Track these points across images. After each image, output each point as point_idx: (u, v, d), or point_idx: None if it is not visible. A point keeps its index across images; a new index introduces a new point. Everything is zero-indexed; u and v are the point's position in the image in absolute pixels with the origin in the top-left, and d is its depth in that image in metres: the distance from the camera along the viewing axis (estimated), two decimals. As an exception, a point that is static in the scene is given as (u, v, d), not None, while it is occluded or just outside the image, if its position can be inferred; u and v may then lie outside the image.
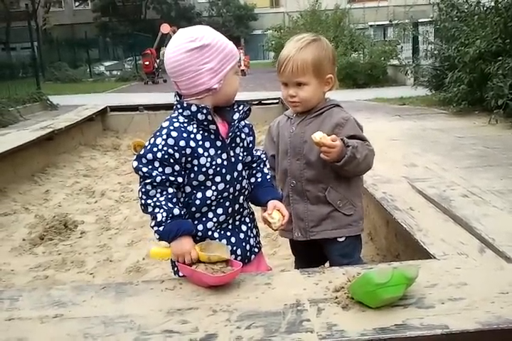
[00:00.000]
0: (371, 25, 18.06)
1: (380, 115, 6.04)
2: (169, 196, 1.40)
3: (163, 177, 1.39)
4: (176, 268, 1.55)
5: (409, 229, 2.01)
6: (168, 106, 7.21)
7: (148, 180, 1.39)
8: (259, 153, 1.64)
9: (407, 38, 12.21)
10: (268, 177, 1.62)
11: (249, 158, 1.59)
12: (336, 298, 1.36)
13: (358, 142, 1.62)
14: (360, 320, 1.26)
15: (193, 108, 1.42)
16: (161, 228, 1.39)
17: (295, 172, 1.72)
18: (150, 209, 1.40)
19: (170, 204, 1.39)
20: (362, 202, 1.79)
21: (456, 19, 6.92)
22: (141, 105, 7.66)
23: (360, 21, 15.88)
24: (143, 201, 1.42)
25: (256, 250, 1.60)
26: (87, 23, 32.00)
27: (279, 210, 1.53)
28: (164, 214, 1.38)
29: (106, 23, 33.79)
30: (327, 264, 1.87)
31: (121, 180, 4.77)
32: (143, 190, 1.41)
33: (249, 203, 1.62)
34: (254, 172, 1.61)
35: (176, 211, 1.39)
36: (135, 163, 1.42)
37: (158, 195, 1.40)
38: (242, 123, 1.56)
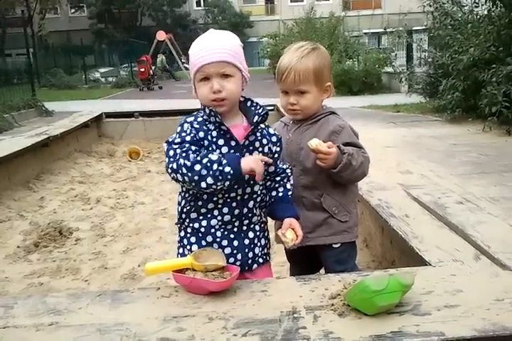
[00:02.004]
0: (366, 33, 18.24)
1: (374, 122, 6.07)
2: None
3: (194, 140, 1.43)
4: None
5: (405, 236, 2.02)
6: (163, 113, 7.24)
7: (179, 143, 1.41)
8: (284, 167, 1.65)
9: (401, 46, 12.33)
10: (289, 193, 1.63)
11: (272, 168, 1.60)
12: (332, 305, 1.36)
13: (353, 149, 1.63)
14: (357, 328, 1.26)
15: (207, 110, 1.48)
16: (224, 160, 1.37)
17: None
18: (198, 166, 1.36)
19: (214, 152, 1.42)
20: (356, 209, 1.80)
21: (449, 27, 6.99)
22: (136, 112, 7.65)
23: (354, 29, 16.02)
24: (188, 163, 1.36)
25: (260, 260, 1.59)
26: (83, 29, 32.06)
27: (293, 229, 1.55)
28: (215, 152, 1.41)
29: (101, 29, 33.87)
30: (322, 271, 1.87)
31: (116, 187, 4.76)
32: (183, 154, 1.38)
33: (267, 215, 1.64)
34: (276, 185, 1.63)
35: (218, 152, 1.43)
36: (165, 146, 1.45)
37: (195, 155, 1.39)
38: (272, 131, 1.60)
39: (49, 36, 27.90)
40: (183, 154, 1.39)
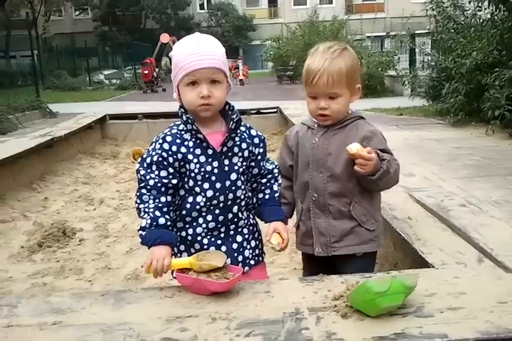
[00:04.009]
0: (368, 37, 18.23)
1: (377, 125, 5.92)
2: (159, 204, 1.45)
3: (156, 179, 1.45)
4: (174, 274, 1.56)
5: (408, 239, 2.02)
6: (167, 115, 7.22)
7: (142, 184, 1.47)
8: (270, 167, 1.63)
9: (404, 49, 12.34)
10: (276, 195, 1.62)
11: (256, 170, 1.60)
12: (335, 306, 1.36)
13: (388, 156, 1.56)
14: (360, 329, 1.26)
15: (184, 117, 1.49)
16: (143, 233, 1.45)
17: (317, 185, 1.63)
18: (141, 213, 1.47)
19: (157, 213, 1.43)
20: (382, 217, 1.75)
21: (452, 31, 7.01)
22: (140, 113, 7.67)
23: (357, 32, 16.04)
24: (136, 205, 1.49)
25: (252, 262, 1.59)
26: (87, 32, 32.22)
27: (279, 233, 1.54)
28: (149, 221, 1.43)
29: (106, 32, 34.03)
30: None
31: (119, 188, 4.76)
32: (137, 193, 1.48)
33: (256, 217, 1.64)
34: (262, 188, 1.62)
35: (162, 220, 1.43)
36: (137, 166, 1.51)
37: (150, 202, 1.45)
38: (254, 132, 1.59)
39: (53, 38, 28.06)
40: (140, 191, 1.47)
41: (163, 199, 1.45)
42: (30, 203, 4.16)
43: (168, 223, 1.45)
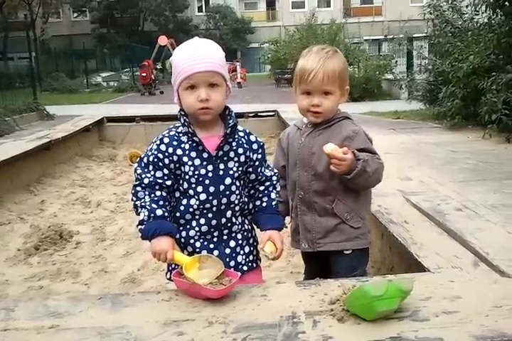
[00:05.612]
0: (366, 40, 18.30)
1: (374, 129, 6.08)
2: (155, 198, 1.47)
3: (151, 179, 1.48)
4: (169, 276, 1.56)
5: (404, 243, 2.03)
6: (164, 118, 7.24)
7: (138, 182, 1.50)
8: (269, 174, 1.63)
9: (401, 53, 12.40)
10: (274, 203, 1.62)
11: (253, 176, 1.60)
12: (332, 310, 1.37)
13: (368, 155, 1.61)
14: (356, 333, 1.26)
15: (182, 120, 1.51)
16: (142, 226, 1.46)
17: (303, 183, 1.70)
18: (138, 209, 1.48)
19: (154, 205, 1.45)
20: (370, 215, 1.78)
21: (450, 35, 7.05)
22: (137, 116, 7.67)
23: (355, 36, 16.09)
24: (133, 202, 1.50)
25: (245, 268, 1.58)
26: (85, 34, 32.20)
27: (273, 241, 1.54)
28: (146, 213, 1.44)
29: (104, 34, 34.01)
30: None
31: (117, 191, 4.77)
32: (133, 191, 1.50)
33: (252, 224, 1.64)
34: (260, 195, 1.62)
35: (159, 212, 1.45)
36: (135, 165, 1.54)
37: (146, 197, 1.47)
38: (253, 138, 1.59)
39: (51, 40, 28.08)
40: (135, 189, 1.49)
41: (158, 193, 1.48)
42: (27, 206, 4.16)
43: (166, 214, 1.46)
